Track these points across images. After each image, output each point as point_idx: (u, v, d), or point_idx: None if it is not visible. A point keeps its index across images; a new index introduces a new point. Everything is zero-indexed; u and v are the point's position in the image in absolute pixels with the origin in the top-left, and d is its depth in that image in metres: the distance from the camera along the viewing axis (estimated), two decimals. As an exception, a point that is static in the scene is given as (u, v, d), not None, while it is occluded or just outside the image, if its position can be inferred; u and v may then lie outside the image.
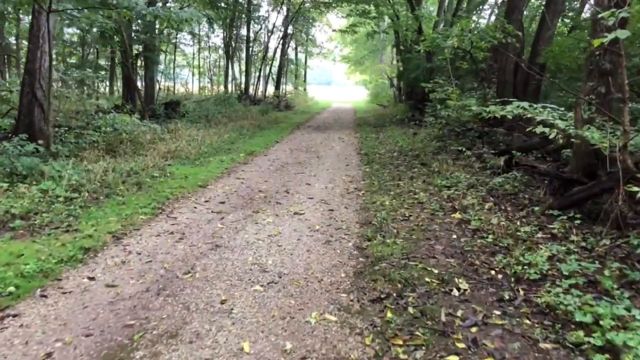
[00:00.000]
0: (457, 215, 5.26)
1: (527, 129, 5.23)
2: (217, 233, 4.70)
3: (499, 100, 5.60)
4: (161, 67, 32.24)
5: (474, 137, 10.40)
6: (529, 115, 5.23)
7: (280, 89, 30.36)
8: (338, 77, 75.26)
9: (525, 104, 5.26)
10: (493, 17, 20.31)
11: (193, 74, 34.05)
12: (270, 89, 30.56)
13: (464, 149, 8.65)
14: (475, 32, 8.47)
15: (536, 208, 5.06)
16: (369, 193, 6.47)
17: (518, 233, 4.46)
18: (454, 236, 4.60)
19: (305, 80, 39.44)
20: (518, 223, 4.77)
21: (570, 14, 12.90)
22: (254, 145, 11.10)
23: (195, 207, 5.64)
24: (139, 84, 17.95)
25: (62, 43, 18.95)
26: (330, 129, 16.16)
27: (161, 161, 8.22)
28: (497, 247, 4.24)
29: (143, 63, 17.15)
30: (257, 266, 3.87)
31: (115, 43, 13.26)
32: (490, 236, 4.48)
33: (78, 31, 17.29)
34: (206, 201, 5.95)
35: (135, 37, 12.74)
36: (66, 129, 8.47)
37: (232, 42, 26.21)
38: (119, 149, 8.64)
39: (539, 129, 4.69)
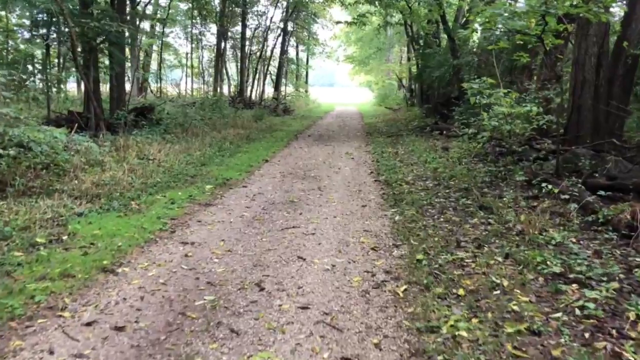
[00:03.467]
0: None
1: None
2: None
3: None
4: (153, 67, 29.29)
5: (537, 158, 7.29)
6: None
7: (280, 91, 27.27)
8: (341, 79, 72.48)
9: None
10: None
11: (187, 75, 31.00)
12: (270, 91, 27.51)
13: (545, 184, 5.52)
14: (560, 4, 5.37)
15: None
16: (416, 290, 3.33)
17: None
18: None
19: (306, 82, 36.33)
20: None
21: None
22: (233, 167, 7.98)
23: None
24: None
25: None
26: (334, 139, 13.04)
27: (72, 205, 5.12)
28: None
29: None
30: None
31: (60, 30, 10.14)
32: None
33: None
34: (87, 324, 2.83)
35: (87, 25, 9.58)
36: None
37: (224, 39, 23.12)
38: (18, 184, 5.53)
39: None
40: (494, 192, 6.02)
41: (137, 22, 22.70)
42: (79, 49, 11.37)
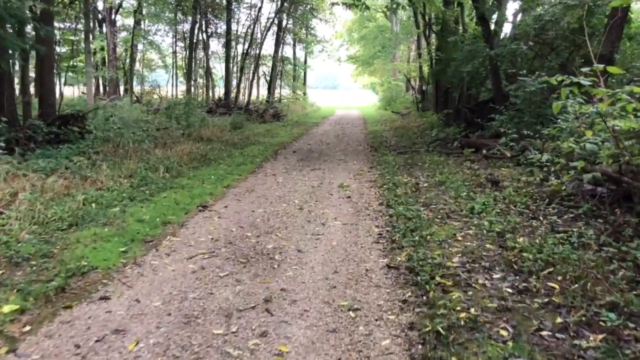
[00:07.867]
0: None
1: None
2: None
3: None
4: (137, 67, 25.74)
5: None
6: None
7: (272, 93, 23.62)
8: (344, 81, 68.87)
9: None
10: None
11: (171, 76, 27.41)
12: (265, 94, 23.90)
13: None
14: None
15: None
16: None
17: None
18: None
19: (305, 83, 32.61)
20: None
21: None
22: (127, 231, 4.26)
23: None
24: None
25: None
26: (327, 157, 9.33)
27: None
28: None
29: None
30: None
31: None
32: None
33: None
34: None
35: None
36: None
37: (206, 33, 19.51)
38: None
39: None
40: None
41: (111, 15, 19.17)
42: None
